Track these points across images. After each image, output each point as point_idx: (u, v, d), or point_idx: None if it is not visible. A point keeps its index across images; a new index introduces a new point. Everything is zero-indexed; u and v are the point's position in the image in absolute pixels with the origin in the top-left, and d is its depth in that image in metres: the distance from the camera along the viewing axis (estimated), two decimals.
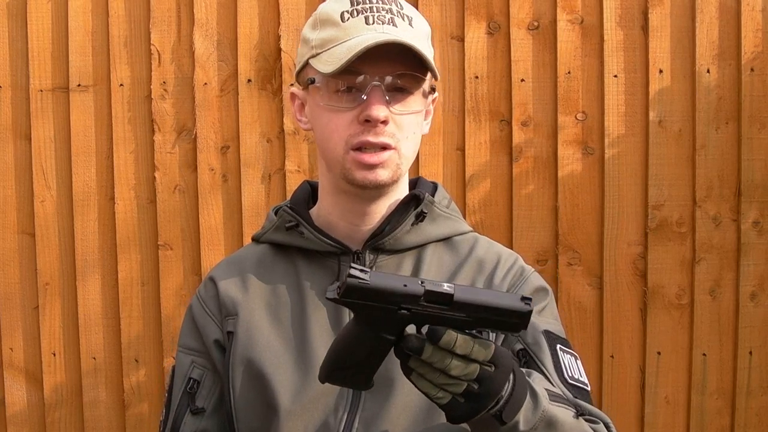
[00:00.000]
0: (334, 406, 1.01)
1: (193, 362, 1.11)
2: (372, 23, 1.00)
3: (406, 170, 1.07)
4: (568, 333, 1.16)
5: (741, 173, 1.82)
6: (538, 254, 1.85)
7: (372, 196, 1.06)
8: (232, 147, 1.90)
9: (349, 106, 1.00)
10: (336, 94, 1.01)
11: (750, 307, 1.83)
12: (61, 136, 1.93)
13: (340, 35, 1.00)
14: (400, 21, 1.02)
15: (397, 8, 1.03)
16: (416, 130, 1.05)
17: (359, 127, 1.00)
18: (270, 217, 1.16)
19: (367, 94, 0.99)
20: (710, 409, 1.85)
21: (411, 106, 1.03)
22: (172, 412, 1.10)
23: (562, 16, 1.82)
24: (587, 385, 1.06)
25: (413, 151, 1.06)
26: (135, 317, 1.93)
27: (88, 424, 1.95)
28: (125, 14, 1.90)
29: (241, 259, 1.15)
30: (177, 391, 1.11)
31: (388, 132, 1.00)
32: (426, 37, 1.06)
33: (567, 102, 1.83)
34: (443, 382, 0.83)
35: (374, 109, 0.98)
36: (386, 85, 0.99)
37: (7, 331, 1.97)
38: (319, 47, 1.02)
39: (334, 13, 1.02)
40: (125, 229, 1.92)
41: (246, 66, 1.88)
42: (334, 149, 1.03)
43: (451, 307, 0.83)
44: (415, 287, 0.84)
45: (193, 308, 1.14)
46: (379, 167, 1.01)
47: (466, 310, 0.83)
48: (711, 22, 1.80)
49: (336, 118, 1.02)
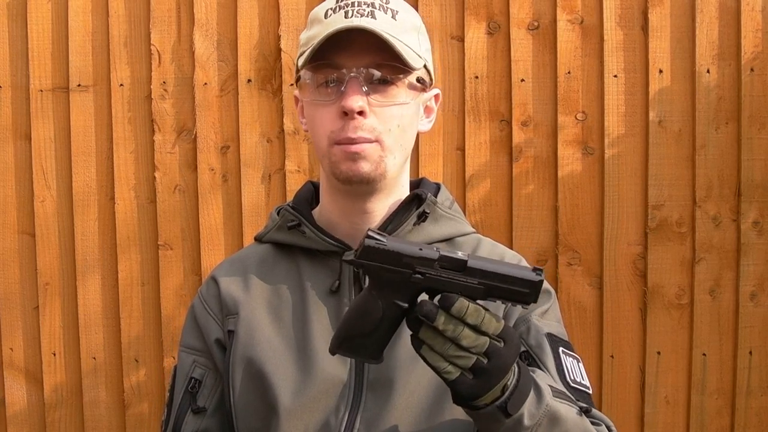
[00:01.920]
0: (335, 406, 1.00)
1: (195, 362, 1.11)
2: (351, 17, 1.01)
3: (396, 165, 1.05)
4: (569, 333, 1.16)
5: (741, 173, 1.82)
6: (538, 254, 1.85)
7: (363, 192, 1.06)
8: (232, 147, 1.90)
9: (330, 100, 1.02)
10: (319, 89, 1.03)
11: (750, 307, 1.83)
12: (61, 136, 1.93)
13: (321, 30, 1.01)
14: (380, 14, 1.02)
15: (381, 2, 1.03)
16: (402, 123, 1.04)
17: (340, 121, 1.01)
18: (272, 216, 1.16)
19: (345, 85, 1.00)
20: (710, 409, 1.85)
21: (394, 98, 1.02)
22: (173, 412, 1.10)
23: (562, 16, 1.82)
24: (589, 388, 1.06)
25: (401, 146, 1.05)
26: (135, 317, 1.93)
27: (88, 424, 1.95)
28: (125, 14, 1.90)
29: (243, 259, 1.15)
30: (179, 390, 1.11)
31: (368, 125, 1.00)
32: (411, 30, 1.05)
33: (567, 102, 1.83)
34: (453, 354, 0.83)
35: (350, 99, 0.99)
36: (365, 77, 1.00)
37: (7, 331, 1.97)
38: (304, 45, 1.05)
39: (320, 11, 1.05)
40: (125, 229, 1.92)
41: (246, 66, 1.88)
42: (321, 143, 1.04)
43: (464, 273, 0.85)
44: (430, 252, 0.86)
45: (195, 308, 1.14)
46: (360, 158, 1.01)
47: (479, 277, 0.85)
48: (711, 22, 1.80)
49: (321, 114, 1.03)
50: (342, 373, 1.02)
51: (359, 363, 1.02)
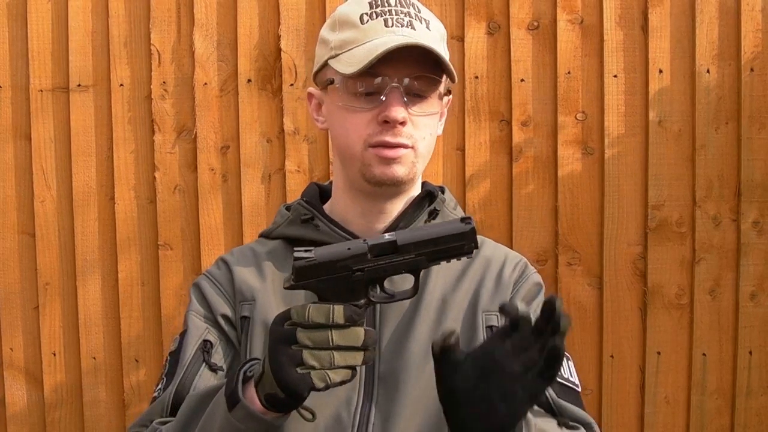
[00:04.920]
0: (345, 400, 1.00)
1: (208, 328, 1.09)
2: (391, 26, 1.01)
3: (422, 170, 1.08)
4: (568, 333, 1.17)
5: (741, 173, 1.82)
6: (538, 254, 1.85)
7: (389, 194, 1.07)
8: (232, 147, 1.90)
9: (367, 107, 1.02)
10: (355, 95, 1.02)
11: (750, 307, 1.83)
12: (61, 136, 1.93)
13: (360, 37, 1.01)
14: (418, 24, 1.03)
15: (415, 11, 1.04)
16: (432, 131, 1.07)
17: (377, 127, 1.01)
18: (282, 212, 1.16)
19: (386, 95, 1.00)
20: (710, 409, 1.85)
21: (428, 108, 1.04)
22: (180, 370, 1.06)
23: (562, 16, 1.82)
24: (577, 385, 1.07)
25: (428, 151, 1.08)
26: (135, 317, 1.93)
27: (88, 424, 1.95)
28: (125, 14, 1.90)
29: (254, 250, 1.14)
30: (189, 348, 1.07)
31: (406, 132, 1.02)
32: (442, 40, 1.07)
33: (567, 102, 1.83)
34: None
35: (393, 110, 0.99)
36: (404, 87, 1.01)
37: (7, 331, 1.97)
38: (338, 48, 1.03)
39: (353, 14, 1.04)
40: (125, 229, 1.92)
41: (246, 66, 1.88)
42: (353, 146, 1.04)
43: (399, 253, 0.86)
44: (359, 246, 0.87)
45: (202, 286, 1.12)
46: (396, 163, 1.02)
47: (414, 249, 0.86)
48: (711, 22, 1.80)
49: (354, 118, 1.03)
50: None
51: None
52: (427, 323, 1.04)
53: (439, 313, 1.05)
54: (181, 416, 0.97)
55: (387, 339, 1.04)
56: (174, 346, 1.10)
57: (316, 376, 0.83)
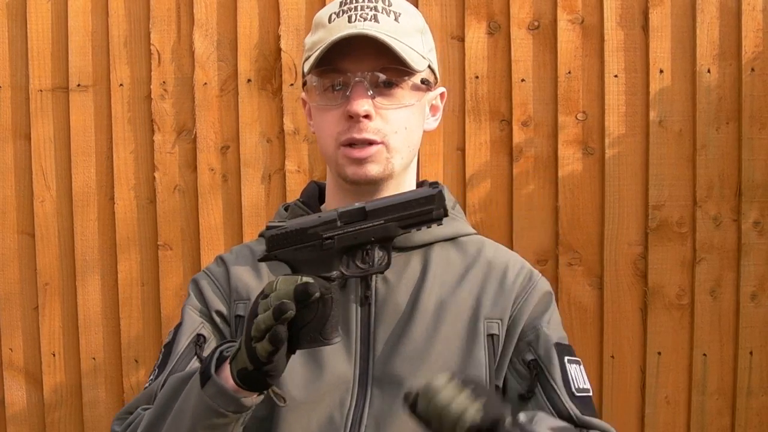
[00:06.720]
0: (339, 401, 1.00)
1: (203, 323, 1.10)
2: (354, 21, 1.02)
3: (402, 165, 1.08)
4: (568, 333, 1.17)
5: (741, 173, 1.81)
6: (538, 254, 1.85)
7: (369, 192, 1.07)
8: (232, 147, 1.90)
9: (336, 104, 1.03)
10: (325, 93, 1.05)
11: (750, 307, 1.83)
12: (60, 136, 1.93)
13: (325, 36, 1.03)
14: (383, 17, 1.03)
15: (384, 5, 1.04)
16: (408, 125, 1.06)
17: (346, 123, 1.02)
18: (280, 212, 1.18)
19: (351, 90, 1.01)
20: (710, 409, 1.85)
21: (399, 100, 1.04)
22: (171, 362, 1.07)
23: (563, 16, 1.82)
24: (590, 390, 1.07)
25: (408, 146, 1.07)
26: (135, 317, 1.93)
27: (88, 424, 1.95)
28: (125, 14, 1.90)
29: (252, 249, 1.15)
30: (182, 341, 1.08)
31: (373, 127, 1.02)
32: (414, 32, 1.06)
33: (567, 102, 1.83)
34: None
35: (356, 104, 1.01)
36: (370, 80, 1.01)
37: (7, 331, 1.97)
38: (309, 50, 1.06)
39: (324, 15, 1.06)
40: (125, 229, 1.92)
41: (246, 66, 1.88)
42: (327, 146, 1.06)
43: (368, 219, 0.87)
44: (328, 214, 0.88)
45: (200, 282, 1.13)
46: (368, 162, 1.03)
47: (383, 215, 0.87)
48: (711, 22, 1.80)
49: (326, 116, 1.05)
50: (348, 369, 1.02)
51: (363, 358, 1.03)
52: (423, 326, 1.04)
53: (436, 316, 1.05)
54: (161, 397, 0.98)
55: (382, 341, 1.04)
56: (168, 338, 1.12)
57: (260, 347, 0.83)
